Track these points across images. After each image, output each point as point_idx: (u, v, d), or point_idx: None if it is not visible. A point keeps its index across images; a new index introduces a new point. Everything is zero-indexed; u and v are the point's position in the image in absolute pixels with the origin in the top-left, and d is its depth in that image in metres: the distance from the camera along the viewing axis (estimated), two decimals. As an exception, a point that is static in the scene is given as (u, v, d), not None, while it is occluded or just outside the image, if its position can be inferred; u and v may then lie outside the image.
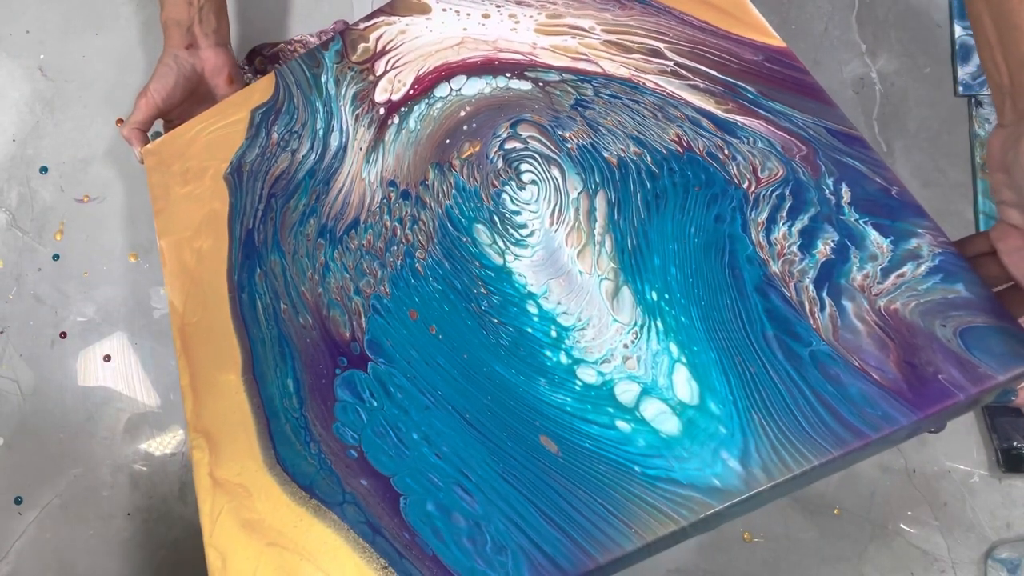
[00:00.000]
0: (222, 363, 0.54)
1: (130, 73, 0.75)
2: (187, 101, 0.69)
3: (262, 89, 0.64)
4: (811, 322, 0.42)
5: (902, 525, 0.62)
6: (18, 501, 0.64)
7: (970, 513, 0.62)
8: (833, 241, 0.43)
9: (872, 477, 0.63)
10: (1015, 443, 0.62)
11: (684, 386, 0.43)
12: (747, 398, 0.41)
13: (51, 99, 0.75)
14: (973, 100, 0.69)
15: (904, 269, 0.41)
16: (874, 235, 0.43)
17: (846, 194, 0.44)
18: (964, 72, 0.69)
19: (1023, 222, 0.40)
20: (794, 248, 0.44)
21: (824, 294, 0.42)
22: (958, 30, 0.70)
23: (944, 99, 0.69)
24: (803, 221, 0.44)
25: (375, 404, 0.49)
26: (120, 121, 0.73)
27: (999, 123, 0.42)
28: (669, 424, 0.42)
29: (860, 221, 0.43)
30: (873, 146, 0.65)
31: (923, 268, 0.41)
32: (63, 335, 0.68)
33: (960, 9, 0.71)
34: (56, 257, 0.70)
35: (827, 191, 0.45)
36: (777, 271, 0.44)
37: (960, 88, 0.69)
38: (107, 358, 0.66)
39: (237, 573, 0.47)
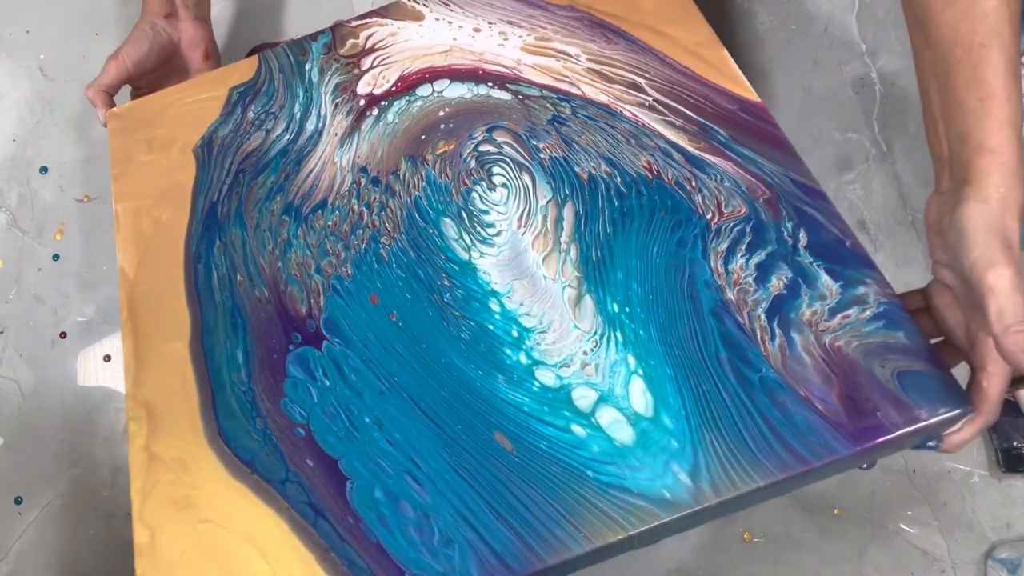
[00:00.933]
0: (170, 332, 0.48)
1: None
2: (159, 71, 0.62)
3: (243, 69, 0.58)
4: (762, 349, 0.40)
5: (902, 525, 0.58)
6: (18, 501, 0.57)
7: (970, 513, 0.58)
8: (787, 278, 0.42)
9: (872, 477, 0.59)
10: (1015, 443, 0.58)
11: (640, 397, 0.40)
12: (699, 415, 0.39)
13: (51, 99, 0.67)
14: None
15: (850, 311, 0.40)
16: (825, 278, 0.41)
17: (803, 238, 0.43)
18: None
19: (954, 282, 0.40)
20: (749, 279, 0.42)
21: (775, 324, 0.41)
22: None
23: (944, 98, 0.68)
24: (760, 256, 0.43)
25: (327, 383, 0.45)
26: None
27: (936, 189, 0.42)
28: (623, 433, 0.40)
29: (814, 264, 0.42)
30: (873, 146, 0.61)
31: (868, 313, 0.40)
32: (63, 335, 0.61)
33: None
34: (56, 257, 0.63)
35: (785, 233, 0.43)
36: (732, 298, 0.42)
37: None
38: (107, 358, 0.59)
39: (165, 551, 0.41)
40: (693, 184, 0.46)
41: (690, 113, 0.49)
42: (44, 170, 0.63)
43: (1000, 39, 0.38)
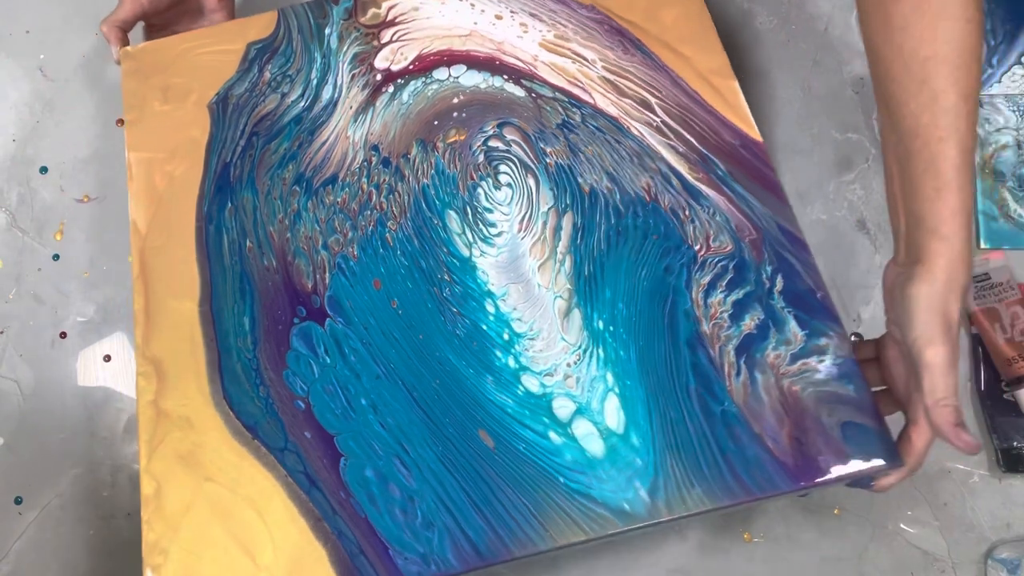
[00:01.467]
0: (180, 291, 0.48)
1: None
2: (173, 10, 0.58)
3: (262, 25, 0.55)
4: (727, 384, 0.43)
5: (902, 525, 0.56)
6: (18, 501, 0.56)
7: (970, 513, 0.56)
8: (759, 319, 0.44)
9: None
10: (1015, 443, 0.56)
11: (613, 414, 0.43)
12: (664, 439, 0.42)
13: (51, 99, 0.64)
14: (972, 101, 0.65)
15: (810, 360, 0.43)
16: (793, 324, 0.44)
17: (779, 283, 0.44)
18: (963, 74, 0.66)
19: (902, 340, 0.42)
20: (725, 316, 0.44)
21: (742, 362, 0.43)
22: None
23: (943, 98, 0.66)
24: (738, 294, 0.45)
25: (328, 361, 0.46)
26: (120, 121, 0.62)
27: (893, 259, 0.43)
28: (595, 446, 0.42)
29: (785, 309, 0.44)
30: (873, 146, 0.59)
31: (826, 363, 0.42)
32: (63, 335, 0.58)
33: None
34: (56, 257, 0.60)
35: (764, 276, 0.45)
36: (707, 331, 0.44)
37: (959, 89, 0.65)
38: (107, 358, 0.57)
39: (171, 504, 0.43)
40: (687, 213, 0.47)
41: (694, 141, 0.49)
42: (44, 170, 0.60)
43: (958, 133, 0.39)
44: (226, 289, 0.48)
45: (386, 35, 0.55)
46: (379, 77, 0.54)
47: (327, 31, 0.55)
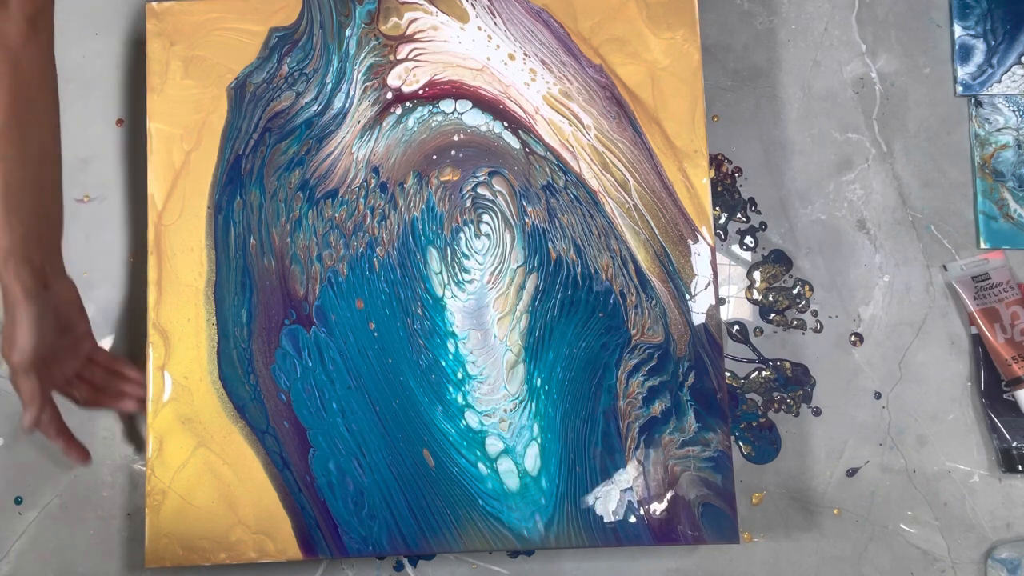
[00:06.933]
0: (189, 271, 0.54)
1: (130, 73, 0.61)
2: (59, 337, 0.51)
3: (287, 7, 0.56)
4: (626, 455, 0.52)
5: (902, 525, 0.56)
6: (18, 501, 0.57)
7: (970, 513, 0.56)
8: (665, 406, 0.52)
9: (872, 477, 0.57)
10: (1015, 443, 0.56)
11: (532, 460, 0.52)
12: (567, 488, 0.52)
13: None
14: (973, 100, 0.61)
15: (696, 448, 0.52)
16: (691, 416, 0.52)
17: (691, 379, 0.53)
18: (964, 72, 0.61)
19: None
20: (640, 397, 0.53)
21: (642, 439, 0.52)
22: (958, 30, 0.61)
23: (944, 99, 0.61)
24: (655, 381, 0.53)
25: (310, 364, 0.54)
26: (120, 121, 0.60)
27: None
28: (512, 481, 0.52)
29: (688, 402, 0.52)
30: (873, 146, 0.61)
31: (706, 454, 0.52)
32: None
33: (960, 9, 0.62)
34: None
35: (680, 370, 0.53)
36: (622, 407, 0.53)
37: (960, 88, 0.61)
38: None
39: (170, 457, 0.52)
40: (633, 299, 0.54)
41: (657, 233, 0.54)
42: None
43: None
44: (229, 278, 0.55)
45: (402, 51, 0.56)
46: (389, 95, 0.56)
47: (347, 32, 0.56)
